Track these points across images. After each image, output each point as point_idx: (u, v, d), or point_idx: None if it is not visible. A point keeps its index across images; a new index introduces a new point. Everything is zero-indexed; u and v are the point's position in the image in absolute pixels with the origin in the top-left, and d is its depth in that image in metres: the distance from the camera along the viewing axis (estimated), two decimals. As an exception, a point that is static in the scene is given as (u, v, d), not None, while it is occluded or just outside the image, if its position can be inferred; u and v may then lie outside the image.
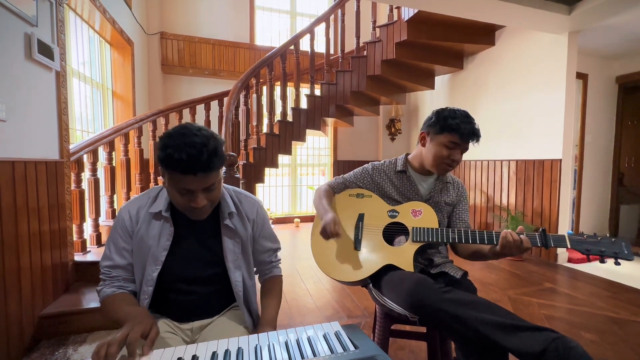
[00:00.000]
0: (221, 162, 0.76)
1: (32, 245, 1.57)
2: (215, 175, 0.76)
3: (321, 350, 0.65)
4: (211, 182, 0.75)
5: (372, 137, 5.18)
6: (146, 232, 0.83)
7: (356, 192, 1.24)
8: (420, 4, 2.51)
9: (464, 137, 1.06)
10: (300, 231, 4.41)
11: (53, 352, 1.52)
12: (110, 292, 0.83)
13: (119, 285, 0.84)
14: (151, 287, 0.83)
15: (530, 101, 3.12)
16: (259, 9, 4.70)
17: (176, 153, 0.69)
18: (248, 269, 0.93)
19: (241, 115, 2.88)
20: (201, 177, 0.72)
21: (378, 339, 1.16)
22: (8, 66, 1.43)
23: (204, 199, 0.76)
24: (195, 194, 0.75)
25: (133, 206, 0.86)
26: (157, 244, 0.83)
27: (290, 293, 2.28)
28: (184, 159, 0.68)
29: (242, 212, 0.91)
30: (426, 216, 1.12)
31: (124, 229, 0.84)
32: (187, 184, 0.73)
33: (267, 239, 0.97)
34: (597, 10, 2.47)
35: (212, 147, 0.72)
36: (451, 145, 1.07)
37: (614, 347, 1.60)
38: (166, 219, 0.84)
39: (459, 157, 1.09)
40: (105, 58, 3.22)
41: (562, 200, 2.90)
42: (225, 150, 0.77)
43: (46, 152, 1.70)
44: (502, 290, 2.31)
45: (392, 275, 1.04)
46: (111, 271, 0.85)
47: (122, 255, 0.85)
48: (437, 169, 1.12)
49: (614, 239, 0.90)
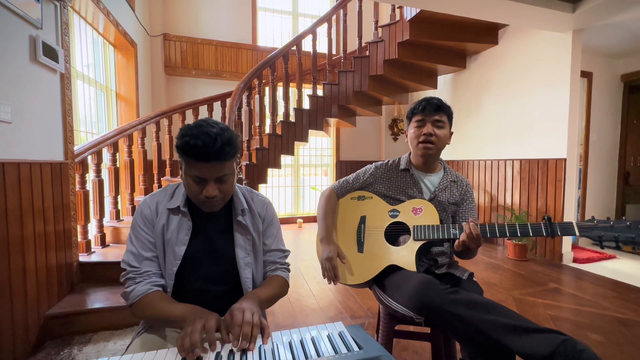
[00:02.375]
0: (234, 153, 0.78)
1: (38, 246, 1.58)
2: (228, 166, 0.78)
3: (325, 350, 0.64)
4: (224, 172, 0.78)
5: (375, 137, 5.17)
6: (166, 226, 0.85)
7: (357, 195, 1.24)
8: (423, 3, 2.50)
9: (425, 110, 1.12)
10: (303, 232, 4.41)
11: (58, 352, 1.53)
12: (145, 289, 0.78)
13: (152, 281, 0.81)
14: (172, 281, 0.83)
15: (534, 100, 3.10)
16: (261, 10, 4.71)
17: (192, 140, 0.73)
18: (258, 268, 0.93)
19: (244, 116, 2.89)
20: (214, 165, 0.76)
21: (382, 339, 1.16)
22: (13, 68, 1.44)
23: (216, 189, 0.79)
24: (209, 182, 0.78)
25: (152, 201, 0.88)
26: (176, 238, 0.84)
27: (293, 294, 2.28)
28: (199, 145, 0.73)
29: (253, 210, 0.93)
30: (427, 213, 1.10)
31: (145, 221, 0.85)
32: (201, 171, 0.76)
33: (273, 238, 0.97)
34: (602, 8, 2.45)
35: (227, 137, 0.76)
36: (419, 124, 1.14)
37: (621, 349, 1.58)
38: (184, 214, 0.85)
39: (429, 130, 1.11)
40: (109, 60, 3.24)
41: (567, 200, 2.88)
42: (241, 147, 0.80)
43: (51, 153, 1.72)
44: (507, 290, 2.30)
45: (396, 276, 1.04)
46: (140, 267, 0.81)
47: (149, 248, 0.84)
48: (418, 149, 1.14)
49: (629, 223, 0.82)
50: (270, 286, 0.89)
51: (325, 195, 1.27)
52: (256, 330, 0.68)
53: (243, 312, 0.69)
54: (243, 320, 0.68)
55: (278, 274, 0.96)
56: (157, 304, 0.77)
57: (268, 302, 0.86)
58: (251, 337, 0.66)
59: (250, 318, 0.68)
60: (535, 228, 0.92)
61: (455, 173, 1.23)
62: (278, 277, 0.95)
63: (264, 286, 0.89)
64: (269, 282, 0.92)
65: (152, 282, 0.81)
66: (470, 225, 0.97)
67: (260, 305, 0.78)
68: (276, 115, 3.18)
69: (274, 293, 0.89)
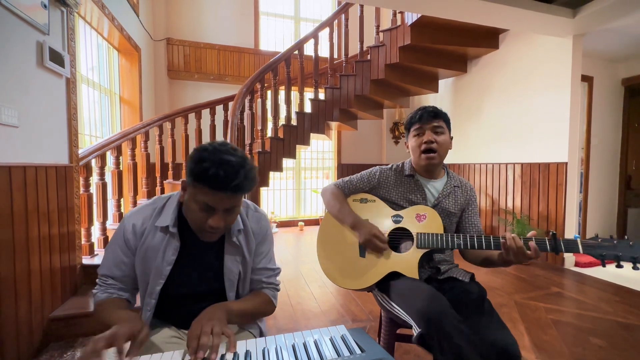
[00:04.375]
0: (252, 186, 0.75)
1: (42, 248, 1.60)
2: (241, 197, 0.76)
3: (328, 353, 0.65)
4: (235, 203, 0.76)
5: (376, 140, 5.18)
6: (151, 244, 0.82)
7: (360, 197, 1.22)
8: (424, 8, 2.52)
9: (422, 118, 1.12)
10: (304, 234, 4.41)
11: (62, 354, 1.54)
12: (105, 297, 0.83)
13: (113, 292, 0.85)
14: (154, 300, 0.83)
15: (535, 104, 3.11)
16: (264, 14, 4.75)
17: (212, 168, 0.69)
18: (245, 286, 0.91)
19: (246, 120, 2.91)
20: (230, 197, 0.73)
21: (384, 343, 1.16)
22: (21, 73, 1.46)
23: (222, 220, 0.75)
24: (216, 212, 0.74)
25: (138, 218, 0.84)
26: (162, 258, 0.82)
27: (294, 297, 2.29)
28: (220, 175, 0.69)
29: (248, 228, 0.90)
30: (430, 221, 1.09)
31: (125, 242, 0.83)
32: (214, 201, 0.72)
33: (263, 256, 0.93)
34: (601, 13, 2.47)
35: (248, 169, 0.73)
36: (418, 132, 1.14)
37: (623, 354, 1.57)
38: (172, 235, 0.82)
39: (430, 137, 1.11)
40: (113, 64, 3.28)
41: (568, 204, 2.88)
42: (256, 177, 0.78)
43: (56, 157, 1.74)
44: (509, 294, 2.30)
45: (401, 284, 1.03)
46: (107, 280, 0.85)
47: (119, 268, 0.84)
48: (421, 159, 1.14)
49: (632, 243, 0.84)
50: (249, 301, 0.86)
51: (330, 190, 1.24)
52: (217, 340, 0.66)
53: (201, 325, 0.68)
54: (201, 332, 0.66)
55: (263, 291, 0.92)
56: (106, 309, 0.80)
57: (241, 316, 0.83)
58: (212, 348, 0.64)
59: (209, 329, 0.67)
60: (539, 244, 0.90)
61: (458, 178, 1.22)
62: (261, 294, 0.91)
63: (242, 300, 0.87)
64: (250, 297, 0.89)
65: (113, 292, 0.84)
66: (514, 238, 0.91)
67: (230, 317, 0.77)
68: (278, 118, 3.20)
69: (249, 307, 0.85)
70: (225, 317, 0.75)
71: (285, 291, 2.37)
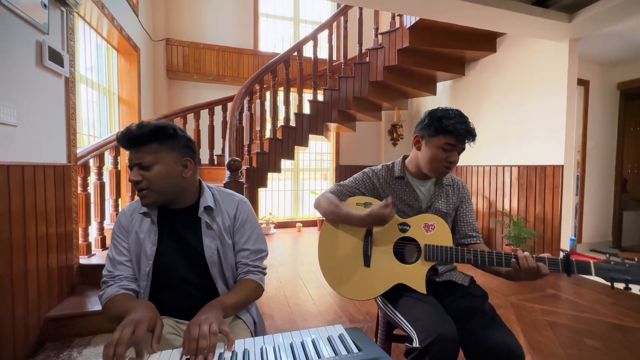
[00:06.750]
0: (151, 139, 0.83)
1: (39, 248, 1.59)
2: (147, 152, 0.83)
3: (325, 352, 0.66)
4: (143, 158, 0.83)
5: (374, 142, 5.20)
6: (139, 228, 0.91)
7: (364, 201, 1.13)
8: (422, 11, 2.55)
9: (460, 137, 1.01)
10: (302, 236, 4.41)
11: (58, 355, 1.53)
12: (114, 292, 0.84)
13: (122, 285, 0.86)
14: (145, 281, 0.88)
15: (532, 107, 3.14)
16: (263, 15, 4.77)
17: (121, 131, 0.84)
18: (227, 267, 0.93)
19: (245, 121, 2.92)
20: (134, 152, 0.84)
21: (380, 343, 1.17)
22: (20, 72, 1.46)
23: (138, 175, 0.84)
24: (132, 169, 0.85)
25: (129, 209, 0.95)
26: (148, 239, 0.89)
27: (292, 298, 2.29)
28: (123, 132, 0.83)
29: (221, 208, 0.96)
30: (439, 232, 1.04)
31: (121, 228, 0.92)
32: (129, 158, 0.85)
33: (245, 237, 0.96)
34: (597, 18, 2.50)
35: (148, 126, 0.83)
36: (448, 147, 1.02)
37: (618, 355, 1.59)
38: (146, 214, 0.91)
39: (456, 159, 1.04)
40: (112, 64, 3.28)
41: (564, 206, 2.90)
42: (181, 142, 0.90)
43: (54, 156, 1.74)
44: (505, 296, 2.31)
45: (408, 297, 1.01)
46: (114, 271, 0.88)
47: (122, 253, 0.90)
48: (435, 172, 1.07)
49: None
50: (239, 292, 0.89)
51: (325, 197, 1.14)
52: (215, 339, 0.68)
53: (199, 326, 0.69)
54: (199, 334, 0.67)
55: (249, 277, 0.94)
56: (119, 304, 0.81)
57: (235, 308, 0.86)
58: (209, 349, 0.66)
59: (207, 331, 0.68)
60: (552, 264, 0.88)
61: (450, 176, 1.18)
62: (249, 281, 0.93)
63: (233, 291, 0.89)
64: (239, 286, 0.91)
65: (122, 285, 0.86)
66: (527, 257, 0.88)
67: (225, 312, 0.80)
68: (277, 119, 3.21)
69: (242, 298, 0.88)
70: (221, 315, 0.77)
71: (283, 292, 2.38)
